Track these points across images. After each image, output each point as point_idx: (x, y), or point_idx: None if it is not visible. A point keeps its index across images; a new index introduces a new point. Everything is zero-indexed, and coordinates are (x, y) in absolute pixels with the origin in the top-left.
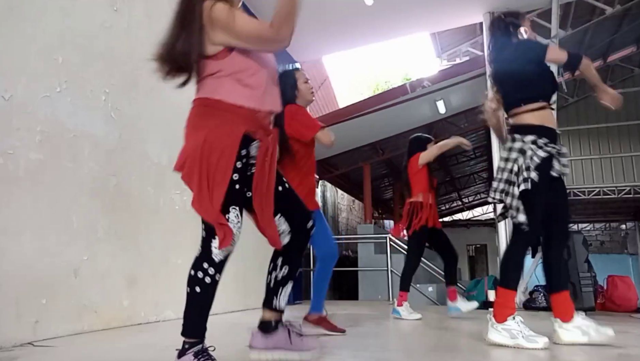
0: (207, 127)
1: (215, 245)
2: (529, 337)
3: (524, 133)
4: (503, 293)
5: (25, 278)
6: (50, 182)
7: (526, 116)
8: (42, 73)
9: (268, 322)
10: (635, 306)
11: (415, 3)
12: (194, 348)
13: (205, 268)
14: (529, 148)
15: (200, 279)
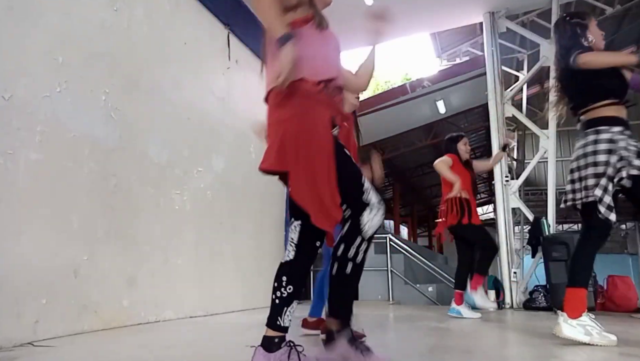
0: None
1: (365, 220)
2: (602, 334)
3: (610, 124)
4: (575, 292)
5: (25, 278)
6: (50, 182)
7: (605, 110)
8: (42, 73)
9: (271, 338)
10: (635, 306)
11: (415, 3)
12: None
13: (357, 245)
14: (619, 139)
15: (351, 259)
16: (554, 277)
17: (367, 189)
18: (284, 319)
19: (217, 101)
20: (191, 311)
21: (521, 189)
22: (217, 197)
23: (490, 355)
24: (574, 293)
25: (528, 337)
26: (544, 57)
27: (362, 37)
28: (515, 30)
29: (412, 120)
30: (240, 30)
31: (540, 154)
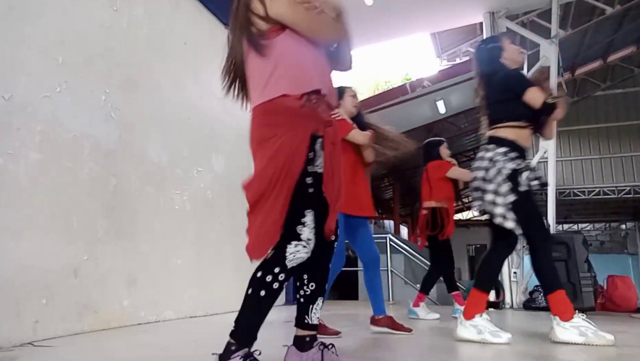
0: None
1: (290, 250)
2: (495, 332)
3: (497, 145)
4: (477, 295)
5: (25, 278)
6: (50, 182)
7: (504, 131)
8: (42, 73)
9: (302, 338)
10: (635, 306)
11: (415, 3)
12: (241, 351)
13: (276, 273)
14: (499, 159)
15: (268, 284)
16: None
17: (305, 224)
18: (312, 317)
19: (217, 101)
20: (191, 311)
21: None
22: (217, 197)
23: (490, 355)
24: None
25: (528, 337)
26: (544, 57)
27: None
28: (515, 30)
29: (412, 120)
30: None
31: (540, 154)
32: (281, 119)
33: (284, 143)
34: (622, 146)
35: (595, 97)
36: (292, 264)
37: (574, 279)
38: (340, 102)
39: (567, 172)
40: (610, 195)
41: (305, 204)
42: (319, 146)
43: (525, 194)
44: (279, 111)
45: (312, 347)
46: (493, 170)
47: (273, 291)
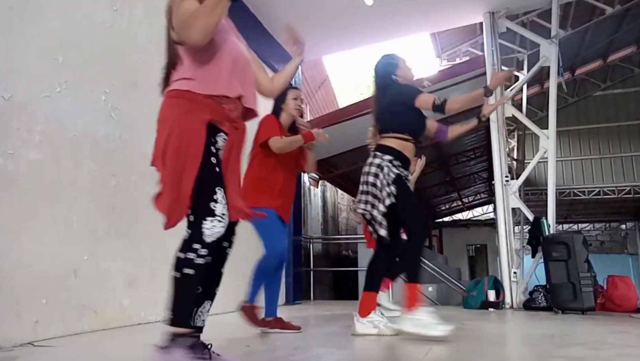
0: (172, 116)
1: (206, 226)
2: (388, 325)
3: (384, 153)
4: (369, 295)
5: (25, 278)
6: (50, 182)
7: (390, 140)
8: (42, 73)
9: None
10: (635, 306)
11: (415, 3)
12: (187, 340)
13: (196, 249)
14: (385, 165)
15: (190, 261)
16: (554, 277)
17: (218, 200)
18: (195, 319)
19: None
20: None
21: (521, 189)
22: None
23: (490, 355)
24: (367, 295)
25: (528, 337)
26: (544, 57)
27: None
28: (515, 30)
29: None
30: (240, 30)
31: (540, 154)
32: (183, 103)
33: (180, 123)
34: (622, 146)
35: (595, 97)
36: (211, 239)
37: (574, 279)
38: (282, 105)
39: (567, 172)
40: (610, 195)
41: (214, 182)
42: (222, 141)
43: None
44: (184, 96)
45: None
46: (381, 175)
47: (197, 267)
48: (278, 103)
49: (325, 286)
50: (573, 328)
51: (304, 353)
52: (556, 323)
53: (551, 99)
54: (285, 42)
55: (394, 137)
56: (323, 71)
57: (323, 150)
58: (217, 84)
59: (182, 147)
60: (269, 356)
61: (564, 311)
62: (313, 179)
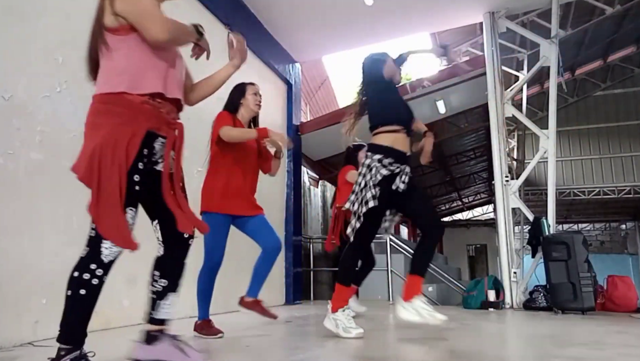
0: (107, 126)
1: (106, 245)
2: (347, 328)
3: (374, 152)
4: (341, 289)
5: (25, 278)
6: (50, 182)
7: (379, 137)
8: (42, 73)
9: (148, 332)
10: (635, 306)
11: (415, 3)
12: (71, 354)
13: (92, 269)
14: (374, 166)
15: (86, 281)
16: (554, 277)
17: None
18: (160, 312)
19: (217, 101)
20: (191, 311)
21: (521, 189)
22: None
23: (490, 355)
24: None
25: (528, 337)
26: (544, 57)
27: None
28: (515, 30)
29: None
30: (240, 30)
31: (540, 154)
32: (117, 110)
33: (114, 133)
34: (622, 146)
35: (595, 97)
36: (108, 258)
37: (574, 279)
38: (242, 100)
39: (567, 172)
40: (610, 195)
41: (128, 201)
42: (159, 145)
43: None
44: (117, 102)
45: (158, 341)
46: (368, 176)
47: (93, 288)
48: (236, 99)
49: (325, 286)
50: (573, 328)
51: (304, 353)
52: (556, 323)
53: (551, 99)
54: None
55: (383, 132)
56: (323, 71)
57: (323, 150)
58: (154, 81)
59: (115, 162)
60: (269, 356)
61: (564, 311)
62: (313, 179)
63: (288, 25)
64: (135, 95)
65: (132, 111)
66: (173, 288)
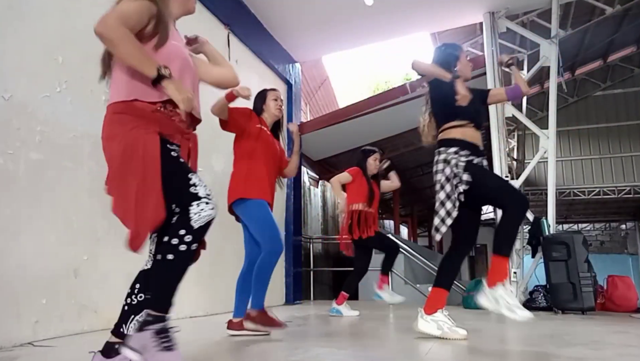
0: (119, 134)
1: (193, 210)
2: (452, 328)
3: (447, 146)
4: (438, 291)
5: (25, 278)
6: (50, 182)
7: (450, 131)
8: (42, 73)
9: (111, 344)
10: (635, 306)
11: (415, 3)
12: (155, 324)
13: (181, 235)
14: (452, 158)
15: (174, 246)
16: (554, 277)
17: (196, 184)
18: (129, 327)
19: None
20: (191, 311)
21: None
22: (217, 197)
23: (490, 355)
24: (436, 292)
25: (528, 337)
26: (544, 57)
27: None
28: (515, 30)
29: (412, 120)
30: (240, 30)
31: (540, 154)
32: (129, 118)
33: (130, 137)
34: (622, 146)
35: (595, 97)
36: (199, 223)
37: (574, 279)
38: (263, 105)
39: (567, 172)
40: (610, 195)
41: (183, 170)
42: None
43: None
44: (129, 110)
45: (118, 353)
46: (448, 169)
47: (181, 254)
48: (258, 104)
49: (325, 286)
50: (573, 328)
51: (304, 353)
52: (556, 323)
53: (551, 99)
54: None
55: (453, 127)
56: (323, 71)
57: (323, 150)
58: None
59: (139, 157)
60: (269, 356)
61: (564, 311)
62: (313, 179)
63: (288, 25)
64: (146, 103)
65: (144, 120)
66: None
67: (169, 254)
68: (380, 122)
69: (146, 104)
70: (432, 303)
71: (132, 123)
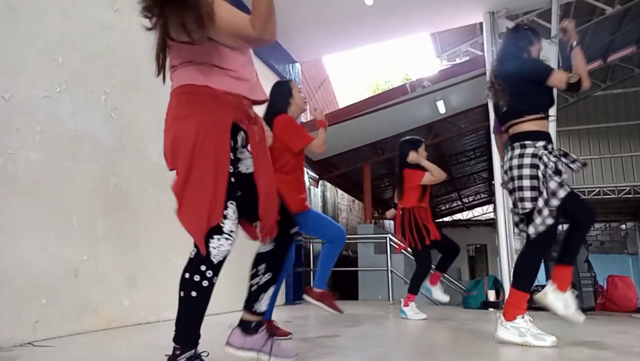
0: (196, 114)
1: (213, 245)
2: (537, 335)
3: (534, 139)
4: (516, 295)
5: (25, 278)
6: (50, 182)
7: (529, 125)
8: (42, 73)
9: (248, 322)
10: (635, 306)
11: (415, 3)
12: (186, 353)
13: (202, 271)
14: (544, 154)
15: (197, 283)
16: None
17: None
18: (261, 305)
19: None
20: None
21: None
22: None
23: (490, 355)
24: (516, 295)
25: None
26: (544, 57)
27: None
28: None
29: (412, 120)
30: None
31: None
32: (200, 99)
33: (208, 123)
34: (622, 146)
35: (595, 97)
36: (218, 259)
37: (574, 279)
38: (290, 99)
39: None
40: (610, 195)
41: (227, 195)
42: (241, 140)
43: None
44: (200, 92)
45: (256, 332)
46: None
47: (204, 290)
48: (284, 98)
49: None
50: (573, 328)
51: (304, 353)
52: (556, 323)
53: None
54: None
55: (533, 119)
56: (323, 71)
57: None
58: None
59: (212, 151)
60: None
61: None
62: (313, 179)
63: (288, 25)
64: (217, 88)
65: (217, 101)
66: (274, 281)
67: (192, 291)
68: (380, 122)
69: (217, 89)
70: (511, 309)
71: (210, 105)
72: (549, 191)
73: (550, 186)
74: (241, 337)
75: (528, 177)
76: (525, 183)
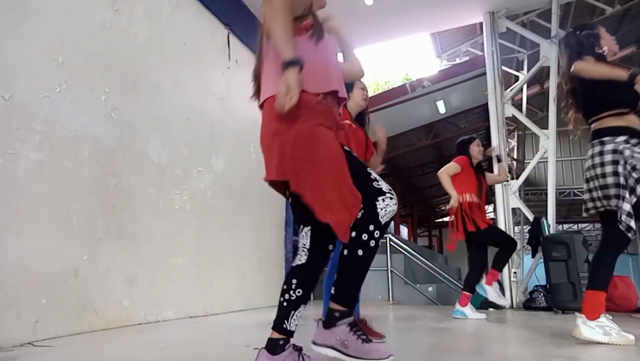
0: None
1: (380, 206)
2: (620, 333)
3: (614, 134)
4: (594, 295)
5: (25, 278)
6: (50, 182)
7: (611, 119)
8: (42, 73)
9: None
10: (635, 306)
11: (415, 3)
12: (347, 318)
13: (371, 230)
14: (624, 148)
15: (364, 242)
16: (554, 277)
17: (377, 179)
18: (291, 323)
19: (217, 101)
20: (191, 311)
21: (521, 189)
22: (217, 197)
23: (490, 355)
24: (593, 295)
25: (528, 337)
26: (544, 57)
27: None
28: (515, 30)
29: (412, 120)
30: (240, 30)
31: (540, 154)
32: (296, 112)
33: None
34: None
35: None
36: (385, 219)
37: (574, 279)
38: (349, 94)
39: (567, 172)
40: None
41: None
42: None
43: None
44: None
45: (284, 350)
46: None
47: (370, 249)
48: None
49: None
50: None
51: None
52: (556, 323)
53: (551, 99)
54: None
55: (612, 115)
56: None
57: None
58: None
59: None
60: None
61: (564, 311)
62: None
63: None
64: (311, 94)
65: (310, 111)
66: (306, 300)
67: (359, 250)
68: (380, 122)
69: (311, 95)
70: (593, 308)
71: (302, 116)
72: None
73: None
74: (268, 358)
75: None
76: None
